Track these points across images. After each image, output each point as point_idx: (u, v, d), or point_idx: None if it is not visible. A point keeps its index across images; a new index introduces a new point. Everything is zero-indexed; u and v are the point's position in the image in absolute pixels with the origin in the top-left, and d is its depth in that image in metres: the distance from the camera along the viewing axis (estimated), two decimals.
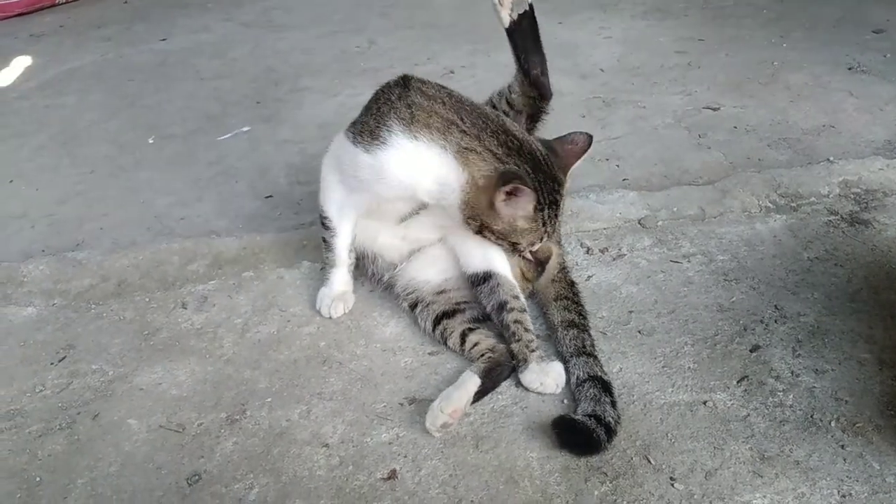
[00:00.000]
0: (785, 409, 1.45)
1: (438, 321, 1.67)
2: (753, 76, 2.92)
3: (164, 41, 3.79)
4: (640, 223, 2.04)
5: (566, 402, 1.51)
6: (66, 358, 1.71)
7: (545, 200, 1.49)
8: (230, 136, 2.76)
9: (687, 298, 1.76)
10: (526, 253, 1.61)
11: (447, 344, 1.65)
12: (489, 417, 1.49)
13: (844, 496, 1.28)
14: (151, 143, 2.74)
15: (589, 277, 1.85)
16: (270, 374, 1.63)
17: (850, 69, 2.91)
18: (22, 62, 3.60)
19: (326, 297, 1.78)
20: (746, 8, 3.67)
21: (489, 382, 1.52)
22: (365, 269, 1.82)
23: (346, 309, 1.78)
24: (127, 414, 1.54)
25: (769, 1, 3.72)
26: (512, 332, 1.59)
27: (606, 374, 1.52)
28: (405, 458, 1.41)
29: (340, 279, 1.79)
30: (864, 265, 1.82)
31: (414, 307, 1.72)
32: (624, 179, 2.28)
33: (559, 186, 1.52)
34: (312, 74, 3.24)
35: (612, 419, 1.40)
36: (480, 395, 1.50)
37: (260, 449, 1.45)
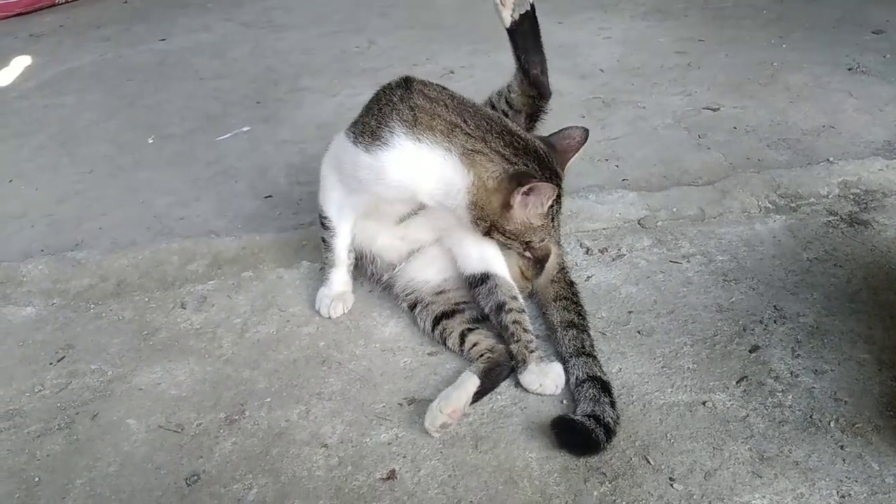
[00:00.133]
0: (784, 409, 1.45)
1: (438, 321, 1.67)
2: (753, 77, 2.92)
3: (163, 41, 3.79)
4: (639, 223, 2.04)
5: (565, 402, 1.51)
6: (65, 358, 1.71)
7: (555, 198, 1.49)
8: (230, 135, 2.76)
9: (686, 299, 1.76)
10: (527, 251, 1.61)
11: (446, 344, 1.65)
12: (488, 418, 1.48)
13: (844, 496, 1.28)
14: (151, 142, 2.74)
15: (588, 278, 1.85)
16: (269, 374, 1.63)
17: (849, 70, 2.91)
18: (21, 62, 3.60)
19: (326, 297, 1.78)
20: (746, 9, 3.67)
21: (488, 383, 1.52)
22: (364, 269, 1.82)
23: (345, 309, 1.78)
24: (126, 414, 1.54)
25: (769, 1, 3.72)
26: (511, 332, 1.59)
27: (606, 374, 1.52)
28: (404, 458, 1.41)
29: (340, 279, 1.79)
30: (863, 266, 1.82)
31: (413, 307, 1.72)
32: (623, 180, 2.28)
33: (560, 181, 1.53)
34: (312, 74, 3.24)
35: (611, 419, 1.40)
36: (480, 395, 1.50)
37: (259, 449, 1.45)
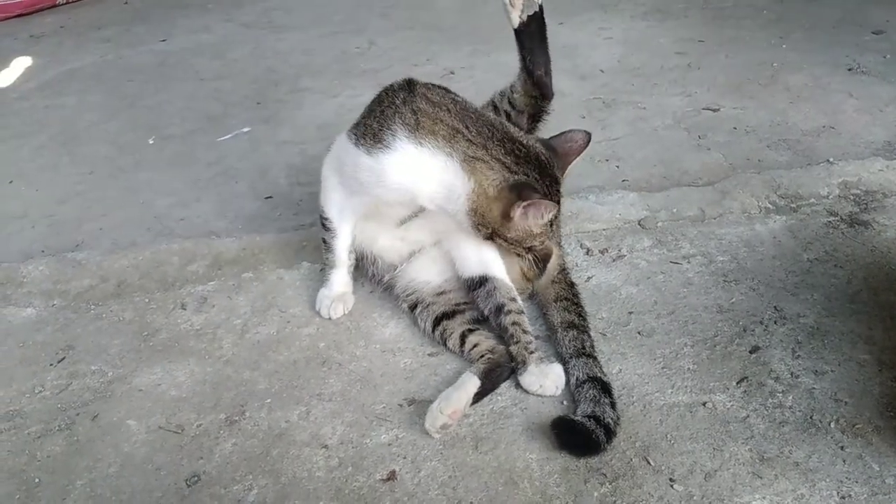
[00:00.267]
0: (784, 410, 1.45)
1: (438, 322, 1.67)
2: (753, 77, 2.92)
3: (164, 42, 3.79)
4: (639, 224, 2.04)
5: (566, 403, 1.51)
6: (65, 359, 1.71)
7: (553, 199, 1.49)
8: (230, 136, 2.76)
9: (686, 299, 1.76)
10: (529, 254, 1.61)
11: (447, 345, 1.65)
12: (489, 418, 1.48)
13: (844, 497, 1.28)
14: (151, 143, 2.74)
15: (589, 278, 1.85)
16: (270, 375, 1.63)
17: (849, 70, 2.91)
18: (22, 63, 3.60)
19: (326, 297, 1.78)
20: (746, 9, 3.66)
21: (489, 383, 1.52)
22: (365, 270, 1.82)
23: (345, 310, 1.78)
24: (126, 415, 1.55)
25: (769, 2, 3.72)
26: (510, 334, 1.59)
27: (606, 375, 1.52)
28: (404, 459, 1.41)
29: (340, 280, 1.79)
30: (863, 266, 1.82)
31: (414, 308, 1.72)
32: (624, 180, 2.28)
33: (559, 185, 1.53)
34: (313, 75, 3.24)
35: (611, 420, 1.40)
36: (480, 396, 1.50)
37: (259, 450, 1.45)
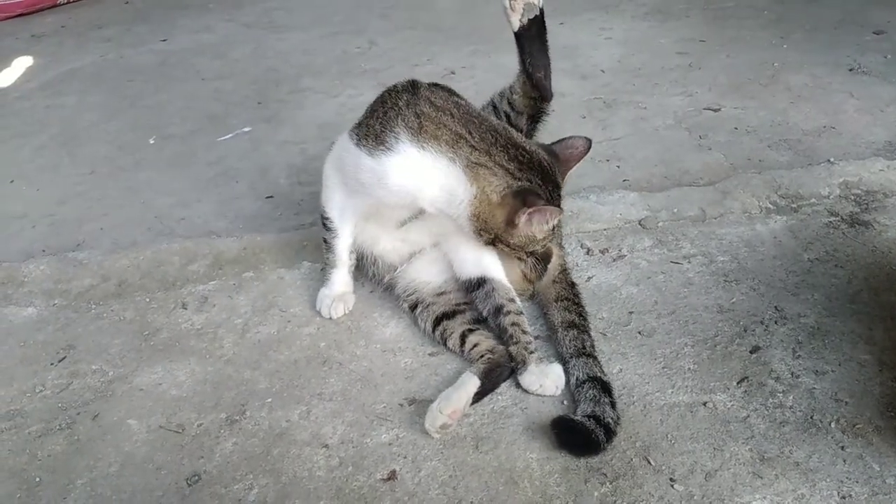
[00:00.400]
0: (785, 410, 1.45)
1: (438, 322, 1.67)
2: (754, 77, 2.92)
3: (164, 42, 3.79)
4: (640, 224, 2.04)
5: (566, 403, 1.51)
6: (66, 358, 1.71)
7: (555, 205, 1.50)
8: (231, 136, 2.76)
9: (687, 299, 1.76)
10: (530, 257, 1.62)
11: (447, 345, 1.65)
12: (489, 418, 1.49)
13: (844, 497, 1.28)
14: (152, 143, 2.74)
15: (589, 278, 1.85)
16: (270, 374, 1.63)
17: (850, 70, 2.91)
18: (23, 62, 3.60)
19: (327, 297, 1.78)
20: (747, 9, 3.66)
21: (489, 383, 1.52)
22: (365, 270, 1.82)
23: (346, 309, 1.78)
24: (127, 414, 1.55)
25: (770, 2, 3.72)
26: (510, 334, 1.59)
27: (606, 374, 1.52)
28: (405, 458, 1.41)
29: (341, 280, 1.79)
30: (864, 266, 1.82)
31: (414, 308, 1.72)
32: (624, 180, 2.28)
33: (560, 190, 1.54)
34: (313, 75, 3.24)
35: (611, 420, 1.40)
36: (480, 396, 1.50)
37: (260, 449, 1.45)
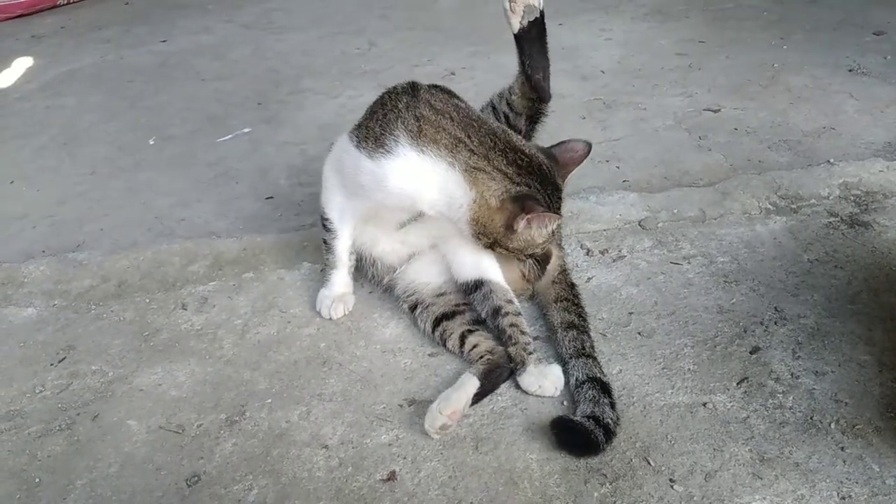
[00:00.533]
0: (785, 410, 1.45)
1: (438, 323, 1.67)
2: (754, 78, 2.92)
3: (164, 42, 3.79)
4: (640, 225, 2.04)
5: (566, 403, 1.51)
6: (66, 359, 1.71)
7: (555, 210, 1.50)
8: (231, 137, 2.76)
9: (687, 300, 1.76)
10: (529, 258, 1.62)
11: (446, 345, 1.65)
12: (489, 419, 1.49)
13: (844, 498, 1.28)
14: (152, 144, 2.74)
15: (589, 279, 1.85)
16: (270, 375, 1.63)
17: (850, 71, 2.91)
18: (23, 63, 3.60)
19: (326, 298, 1.78)
20: (747, 10, 3.67)
21: (488, 384, 1.52)
22: (365, 271, 1.82)
23: (346, 310, 1.78)
24: (126, 415, 1.55)
25: (770, 3, 3.72)
26: (508, 335, 1.59)
27: (606, 375, 1.52)
28: (405, 459, 1.41)
29: (340, 280, 1.79)
30: (864, 267, 1.82)
31: (414, 309, 1.72)
32: (624, 181, 2.28)
33: (561, 193, 1.54)
34: (313, 76, 3.24)
35: (610, 420, 1.40)
36: (479, 396, 1.50)
37: (259, 450, 1.45)
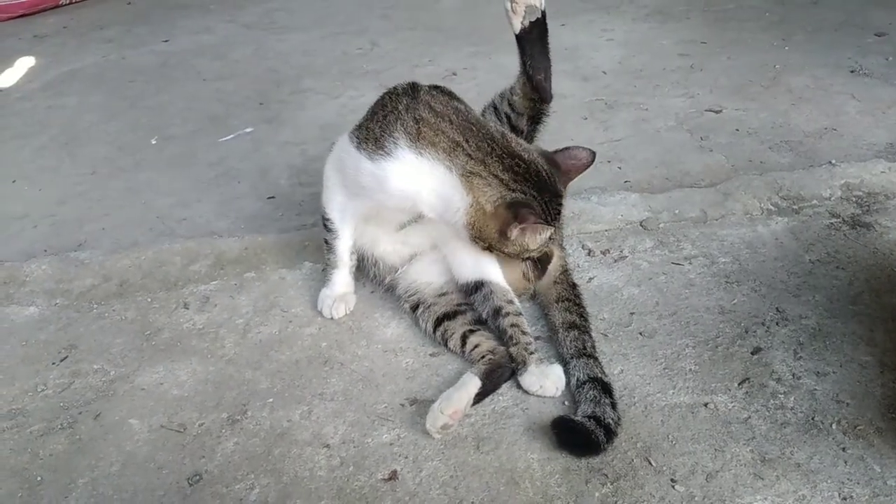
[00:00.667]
0: (786, 411, 1.45)
1: (439, 323, 1.67)
2: (755, 79, 2.92)
3: (166, 42, 3.79)
4: (641, 225, 2.04)
5: (567, 403, 1.51)
6: (67, 358, 1.71)
7: (552, 217, 1.49)
8: (232, 137, 2.76)
9: (688, 300, 1.76)
10: (528, 259, 1.62)
11: (448, 345, 1.65)
12: (490, 419, 1.49)
13: (845, 498, 1.28)
14: (153, 143, 2.75)
15: (590, 279, 1.85)
16: (272, 374, 1.63)
17: (852, 72, 2.91)
18: (25, 63, 3.60)
19: (328, 297, 1.79)
20: (748, 11, 3.67)
21: (490, 384, 1.52)
22: (366, 271, 1.82)
23: (347, 310, 1.78)
24: (128, 414, 1.55)
25: (771, 4, 3.72)
26: (509, 335, 1.59)
27: (607, 375, 1.52)
28: (406, 458, 1.41)
29: (342, 280, 1.79)
30: (865, 268, 1.82)
31: (415, 309, 1.72)
32: (626, 181, 2.28)
33: (561, 199, 1.53)
34: (314, 76, 3.24)
35: (611, 420, 1.40)
36: (481, 396, 1.50)
37: (261, 449, 1.45)
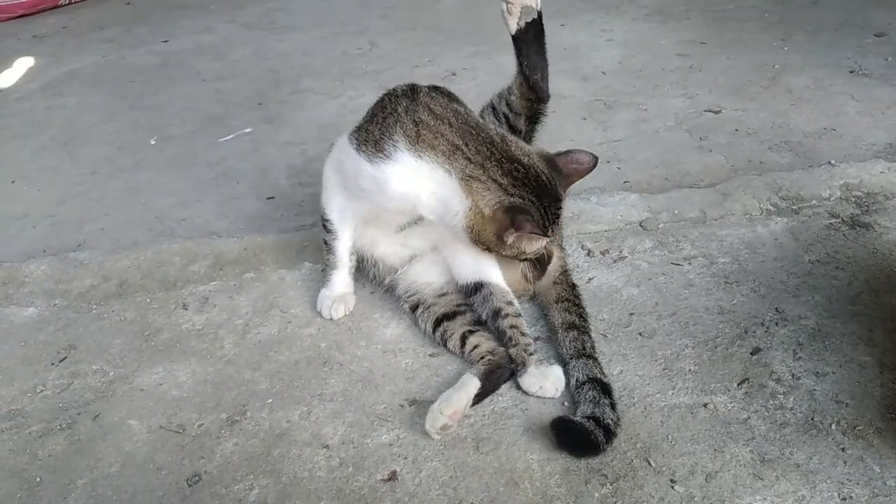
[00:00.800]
0: (785, 411, 1.45)
1: (439, 323, 1.67)
2: (755, 79, 2.92)
3: (165, 42, 3.79)
4: (641, 225, 2.04)
5: (566, 404, 1.51)
6: (66, 358, 1.71)
7: (550, 222, 1.49)
8: (232, 137, 2.76)
9: (688, 301, 1.76)
10: (527, 260, 1.62)
11: (447, 346, 1.65)
12: (490, 419, 1.49)
13: (845, 499, 1.28)
14: (153, 144, 2.74)
15: (590, 279, 1.85)
16: (271, 375, 1.63)
17: (851, 72, 2.91)
18: (24, 63, 3.60)
19: (327, 298, 1.78)
20: (748, 11, 3.66)
21: (489, 385, 1.52)
22: (366, 272, 1.82)
23: (346, 310, 1.78)
24: (127, 414, 1.55)
25: (771, 4, 3.72)
26: (509, 337, 1.59)
27: (606, 376, 1.52)
28: (405, 459, 1.41)
29: (341, 281, 1.79)
30: (864, 268, 1.82)
31: (415, 309, 1.72)
32: (625, 182, 2.28)
33: (560, 203, 1.52)
34: (314, 76, 3.24)
35: (610, 421, 1.40)
36: (480, 397, 1.50)
37: (260, 450, 1.45)
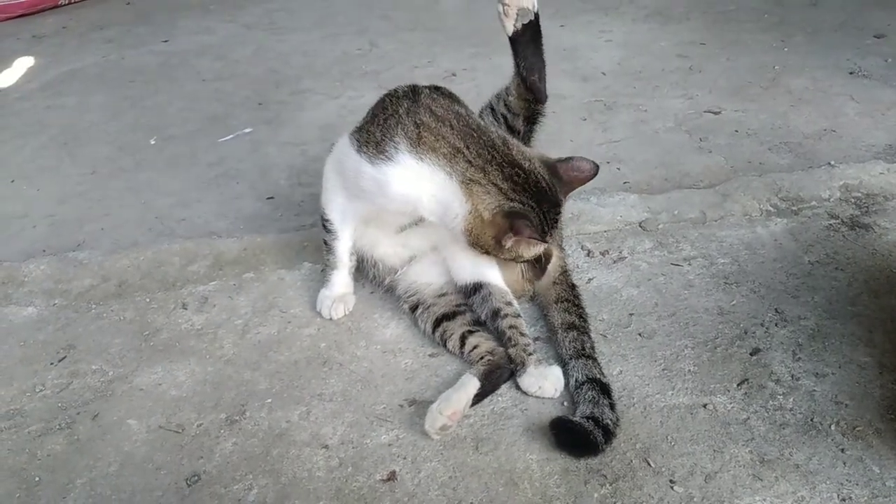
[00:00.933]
0: (785, 412, 1.45)
1: (438, 323, 1.67)
2: (754, 80, 2.92)
3: (165, 43, 3.79)
4: (640, 226, 2.04)
5: (566, 404, 1.51)
6: (66, 358, 1.71)
7: (548, 228, 1.49)
8: (232, 137, 2.76)
9: (687, 301, 1.76)
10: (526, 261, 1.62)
11: (447, 346, 1.65)
12: (489, 419, 1.49)
13: (844, 500, 1.28)
14: (153, 144, 2.74)
15: (590, 280, 1.85)
16: (270, 375, 1.63)
17: (851, 73, 2.91)
18: (24, 63, 3.60)
19: (327, 298, 1.78)
20: (748, 12, 3.67)
21: (489, 385, 1.52)
22: (366, 272, 1.82)
23: (346, 310, 1.78)
24: (126, 414, 1.55)
25: (770, 5, 3.73)
26: (508, 337, 1.59)
27: (605, 376, 1.52)
28: (405, 459, 1.41)
29: (341, 281, 1.79)
30: (864, 269, 1.82)
31: (415, 309, 1.72)
32: (625, 182, 2.28)
33: (559, 208, 1.52)
34: (314, 76, 3.24)
35: (610, 421, 1.40)
36: (480, 397, 1.50)
37: (259, 450, 1.45)
